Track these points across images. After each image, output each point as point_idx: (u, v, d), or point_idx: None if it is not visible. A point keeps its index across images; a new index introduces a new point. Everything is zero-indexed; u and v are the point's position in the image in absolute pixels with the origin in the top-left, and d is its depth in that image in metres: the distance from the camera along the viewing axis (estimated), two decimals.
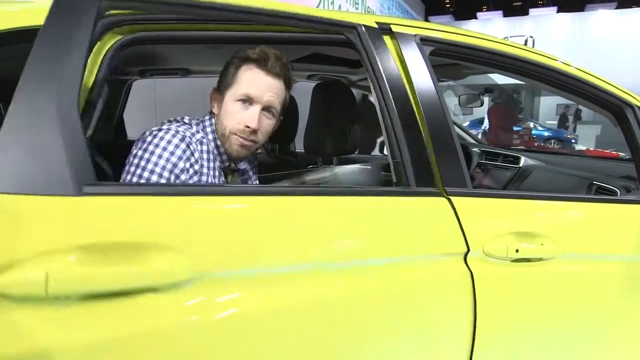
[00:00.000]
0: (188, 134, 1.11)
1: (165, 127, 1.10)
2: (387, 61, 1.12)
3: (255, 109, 1.15)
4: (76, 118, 0.74)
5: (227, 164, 1.22)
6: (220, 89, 1.19)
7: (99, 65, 0.88)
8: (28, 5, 1.00)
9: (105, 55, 0.91)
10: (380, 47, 1.13)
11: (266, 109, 1.17)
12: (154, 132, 1.08)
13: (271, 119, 1.20)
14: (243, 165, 1.28)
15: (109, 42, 0.93)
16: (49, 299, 0.64)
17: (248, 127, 1.14)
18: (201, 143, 1.14)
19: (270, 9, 1.03)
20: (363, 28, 1.12)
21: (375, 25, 1.15)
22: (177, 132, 1.08)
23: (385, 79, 1.10)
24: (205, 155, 1.15)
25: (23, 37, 0.92)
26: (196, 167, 1.10)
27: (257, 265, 0.82)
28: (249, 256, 0.82)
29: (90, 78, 0.86)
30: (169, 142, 1.06)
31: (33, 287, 0.63)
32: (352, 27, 1.11)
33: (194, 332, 0.73)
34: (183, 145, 1.08)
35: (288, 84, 1.21)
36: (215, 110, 1.20)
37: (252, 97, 1.14)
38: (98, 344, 0.67)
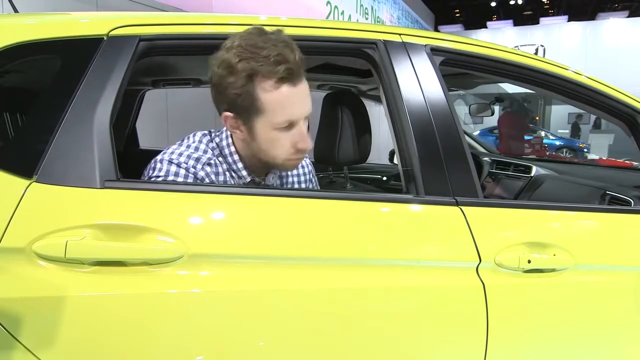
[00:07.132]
0: (191, 162, 1.03)
1: (167, 157, 1.03)
2: (400, 71, 1.13)
3: (299, 126, 1.02)
4: (107, 133, 0.91)
5: (249, 179, 1.12)
6: (241, 113, 1.00)
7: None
8: (45, 17, 1.02)
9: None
10: (394, 57, 1.14)
11: (305, 117, 1.04)
12: (157, 166, 1.02)
13: (307, 120, 1.05)
14: (271, 180, 1.19)
15: None
16: (67, 261, 0.83)
17: (304, 149, 1.04)
18: (209, 165, 1.06)
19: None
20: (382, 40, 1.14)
21: (391, 37, 1.16)
22: (179, 164, 1.02)
23: (397, 89, 1.11)
24: (221, 178, 1.08)
25: (38, 50, 0.94)
26: None
27: (241, 252, 0.92)
28: (232, 245, 0.92)
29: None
30: (176, 174, 1.01)
31: (56, 251, 0.82)
32: (373, 42, 1.14)
33: (173, 299, 0.88)
34: (191, 178, 1.02)
35: (305, 73, 1.02)
36: (239, 136, 1.06)
37: (296, 120, 1.01)
38: (97, 298, 0.85)
